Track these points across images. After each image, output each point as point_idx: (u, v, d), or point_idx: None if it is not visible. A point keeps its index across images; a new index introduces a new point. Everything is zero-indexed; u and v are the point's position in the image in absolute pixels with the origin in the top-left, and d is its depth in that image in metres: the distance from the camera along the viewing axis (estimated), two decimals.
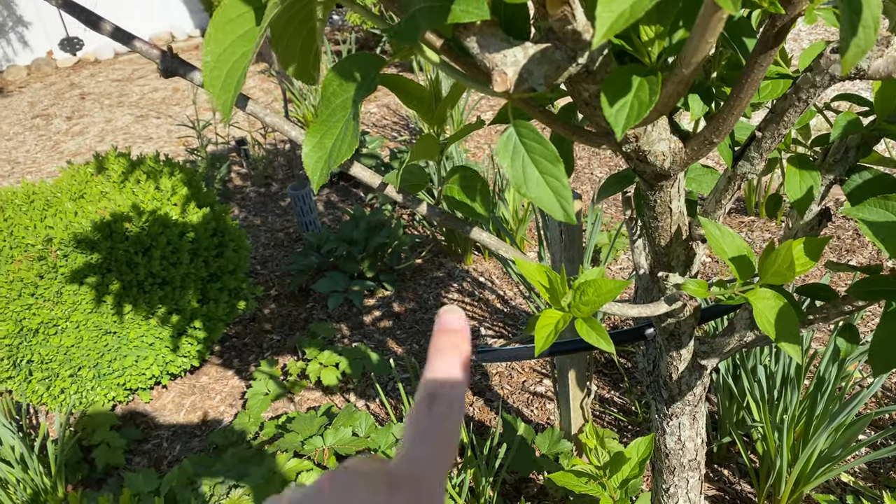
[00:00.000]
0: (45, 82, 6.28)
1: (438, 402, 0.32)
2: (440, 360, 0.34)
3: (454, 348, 0.34)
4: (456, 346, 0.35)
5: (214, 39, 0.50)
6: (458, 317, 0.36)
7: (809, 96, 0.66)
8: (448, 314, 0.36)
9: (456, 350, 0.34)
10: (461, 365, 0.34)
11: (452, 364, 0.34)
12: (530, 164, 0.54)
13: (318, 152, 0.56)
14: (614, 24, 0.38)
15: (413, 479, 0.30)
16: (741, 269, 0.75)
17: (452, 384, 0.33)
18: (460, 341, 0.35)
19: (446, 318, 0.36)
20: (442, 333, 0.35)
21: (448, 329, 0.35)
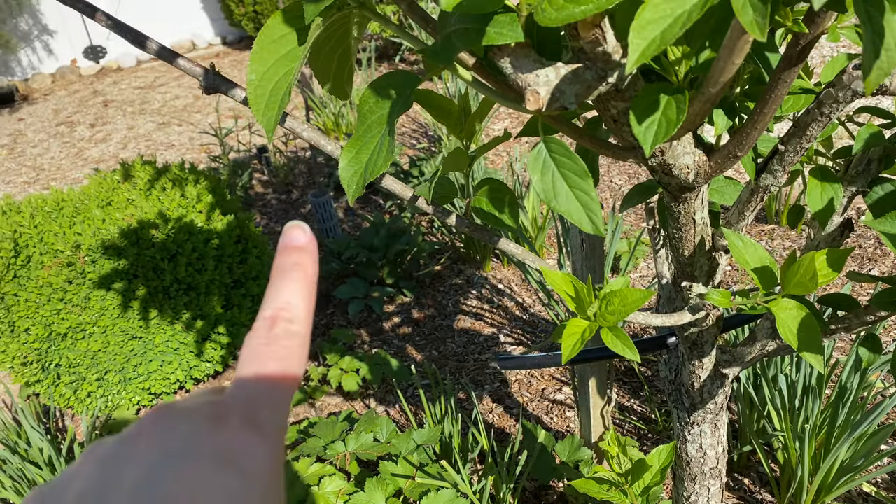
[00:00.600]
0: (69, 90, 6.38)
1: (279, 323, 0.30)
2: (282, 280, 0.32)
3: (297, 267, 0.32)
4: (299, 264, 0.32)
5: (259, 58, 0.52)
6: (302, 232, 0.33)
7: (832, 111, 0.67)
8: (292, 230, 0.33)
9: (299, 269, 0.32)
10: (305, 284, 0.32)
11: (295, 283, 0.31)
12: (560, 178, 0.56)
13: (355, 166, 0.58)
14: (646, 51, 0.40)
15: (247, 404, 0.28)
16: (764, 279, 0.76)
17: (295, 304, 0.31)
18: (305, 259, 0.32)
19: (290, 234, 0.33)
20: (285, 251, 0.33)
21: (292, 247, 0.33)
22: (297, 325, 0.31)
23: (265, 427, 0.28)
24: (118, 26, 0.60)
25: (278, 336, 0.30)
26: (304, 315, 0.31)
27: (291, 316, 0.31)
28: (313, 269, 0.33)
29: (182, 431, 0.26)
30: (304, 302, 0.31)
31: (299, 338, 0.31)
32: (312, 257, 0.33)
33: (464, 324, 2.63)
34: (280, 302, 0.31)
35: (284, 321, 0.30)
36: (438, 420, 1.93)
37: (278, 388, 0.29)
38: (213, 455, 0.26)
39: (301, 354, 0.31)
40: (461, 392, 2.27)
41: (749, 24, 0.39)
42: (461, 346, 2.52)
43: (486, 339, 2.53)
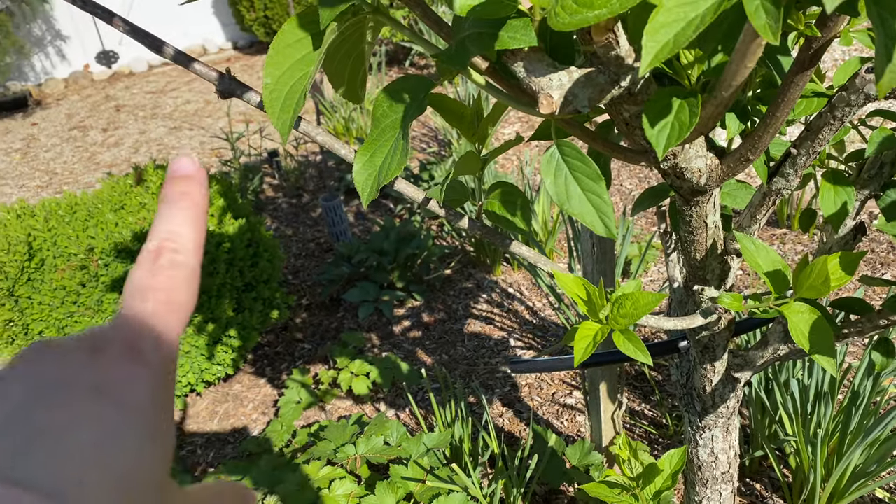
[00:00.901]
0: (81, 94, 6.43)
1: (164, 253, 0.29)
2: (168, 209, 0.30)
3: (184, 196, 0.31)
4: (186, 193, 0.31)
5: (274, 63, 0.53)
6: (190, 161, 0.32)
7: (845, 115, 0.67)
8: (179, 160, 0.32)
9: (187, 198, 0.31)
10: (193, 213, 0.31)
11: (182, 212, 0.30)
12: (573, 181, 0.56)
13: (368, 170, 0.59)
14: (659, 53, 0.40)
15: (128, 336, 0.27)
16: (776, 283, 0.76)
17: (181, 234, 0.30)
18: (192, 187, 0.31)
19: (177, 164, 0.32)
20: (172, 181, 0.31)
21: (179, 176, 0.31)
22: (184, 255, 0.29)
23: (148, 358, 0.27)
24: (135, 31, 0.61)
25: (163, 267, 0.29)
26: (191, 245, 0.30)
27: (177, 246, 0.29)
28: (201, 199, 0.31)
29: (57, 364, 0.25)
30: (191, 231, 0.30)
31: (186, 268, 0.29)
32: (200, 186, 0.31)
33: (474, 328, 2.64)
34: (164, 232, 0.30)
35: (170, 251, 0.29)
36: (449, 424, 1.93)
37: (163, 319, 0.28)
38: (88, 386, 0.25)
39: (189, 285, 0.29)
40: (471, 396, 2.27)
41: (762, 28, 0.40)
42: (471, 350, 2.52)
43: (496, 343, 2.53)
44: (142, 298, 0.28)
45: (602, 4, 0.43)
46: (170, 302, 0.28)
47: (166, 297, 0.28)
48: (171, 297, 0.28)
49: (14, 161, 5.03)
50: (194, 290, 0.29)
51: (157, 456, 0.25)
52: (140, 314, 0.27)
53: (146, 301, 0.28)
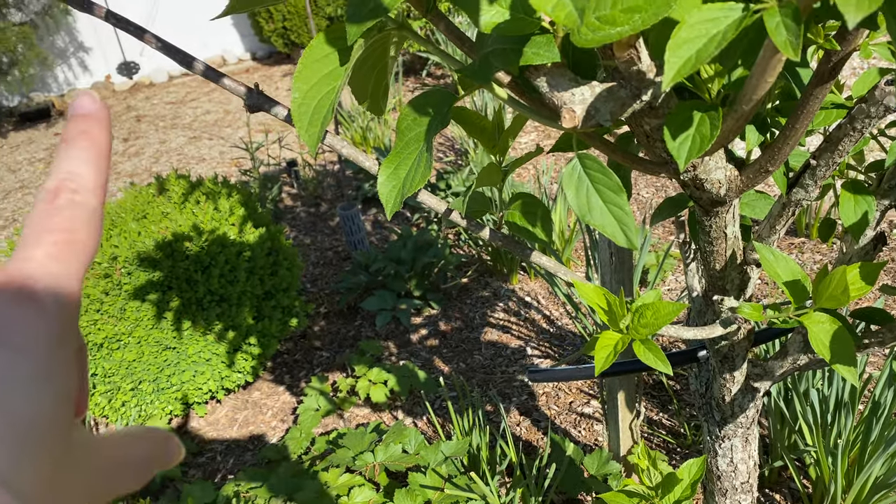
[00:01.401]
0: None
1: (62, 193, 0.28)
2: (68, 149, 0.29)
3: (84, 135, 0.30)
4: (86, 132, 0.30)
5: (302, 77, 0.54)
6: (91, 100, 0.31)
7: (864, 126, 0.67)
8: (80, 98, 0.31)
9: (86, 137, 0.30)
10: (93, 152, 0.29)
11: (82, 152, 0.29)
12: (594, 193, 0.57)
13: (393, 181, 0.60)
14: (682, 69, 0.41)
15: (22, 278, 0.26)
16: (795, 293, 0.77)
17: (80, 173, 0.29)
18: (92, 126, 0.30)
19: (77, 102, 0.30)
20: (72, 119, 0.30)
21: (79, 115, 0.30)
22: (83, 195, 0.28)
23: (42, 300, 0.25)
24: (166, 48, 0.63)
25: (61, 207, 0.27)
26: (92, 185, 0.29)
27: (76, 186, 0.28)
28: (102, 138, 0.30)
29: None
30: (92, 171, 0.29)
31: (86, 208, 0.28)
32: (101, 125, 0.30)
33: (491, 336, 2.64)
34: (63, 172, 0.28)
35: (68, 191, 0.28)
36: (466, 432, 1.94)
37: (60, 261, 0.26)
38: None
39: (90, 226, 0.28)
40: (488, 404, 2.27)
41: (783, 45, 0.40)
42: (488, 359, 2.52)
43: (513, 352, 2.53)
44: (37, 240, 0.27)
45: (624, 22, 0.44)
46: (69, 242, 0.27)
47: (65, 238, 0.27)
48: (70, 238, 0.27)
49: (38, 170, 5.11)
50: (96, 230, 0.28)
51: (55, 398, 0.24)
52: (36, 256, 0.26)
53: (42, 243, 0.27)
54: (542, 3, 0.40)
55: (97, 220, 0.28)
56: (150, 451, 0.30)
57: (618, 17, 0.44)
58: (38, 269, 0.26)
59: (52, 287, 0.26)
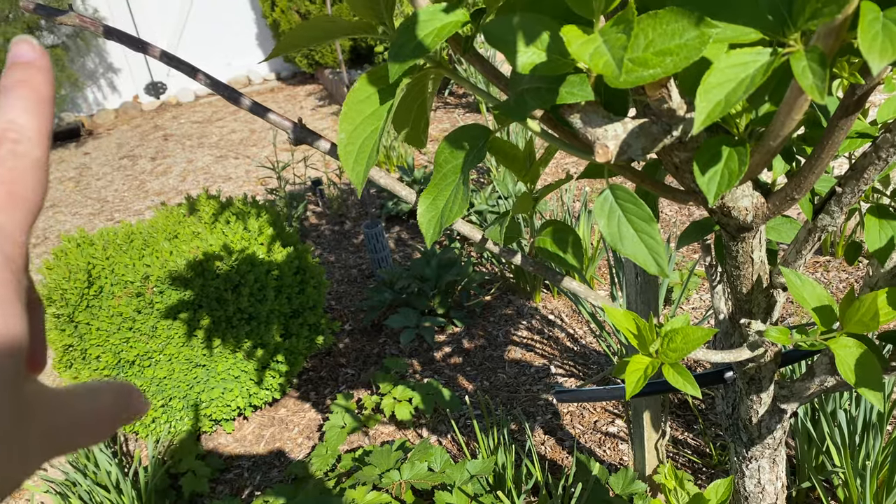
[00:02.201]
0: (131, 124, 6.65)
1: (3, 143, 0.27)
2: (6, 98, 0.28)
3: (23, 83, 0.28)
4: (25, 81, 0.28)
5: (347, 118, 0.57)
6: (30, 46, 0.29)
7: (890, 156, 0.69)
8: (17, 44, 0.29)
9: (25, 85, 0.28)
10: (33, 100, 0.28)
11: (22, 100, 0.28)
12: (626, 223, 0.59)
13: (432, 212, 0.62)
14: (712, 113, 0.43)
15: None
16: (823, 317, 0.78)
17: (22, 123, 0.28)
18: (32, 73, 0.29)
19: (15, 49, 0.29)
20: (11, 67, 0.29)
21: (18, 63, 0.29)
22: (25, 146, 0.27)
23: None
24: (215, 84, 0.66)
25: (2, 158, 0.26)
26: (33, 134, 0.28)
27: (17, 136, 0.27)
28: (43, 86, 0.29)
29: None
30: (33, 120, 0.28)
31: (29, 159, 0.27)
32: (42, 72, 0.29)
33: (514, 354, 2.65)
34: (3, 122, 0.27)
35: (9, 142, 0.27)
36: (491, 451, 1.95)
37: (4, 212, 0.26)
38: None
39: (34, 177, 0.27)
40: (513, 423, 2.28)
41: (809, 88, 0.43)
42: (512, 377, 2.53)
43: (537, 371, 2.54)
44: None
45: (656, 64, 0.46)
46: (11, 194, 0.26)
47: (7, 190, 0.26)
48: (12, 189, 0.26)
49: (68, 189, 5.22)
50: (41, 182, 0.27)
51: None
52: None
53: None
54: (580, 53, 0.42)
55: (41, 171, 0.28)
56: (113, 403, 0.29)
57: (650, 60, 0.47)
58: None
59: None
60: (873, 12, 0.41)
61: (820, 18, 0.41)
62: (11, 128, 0.27)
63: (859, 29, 0.39)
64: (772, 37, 0.45)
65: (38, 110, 0.28)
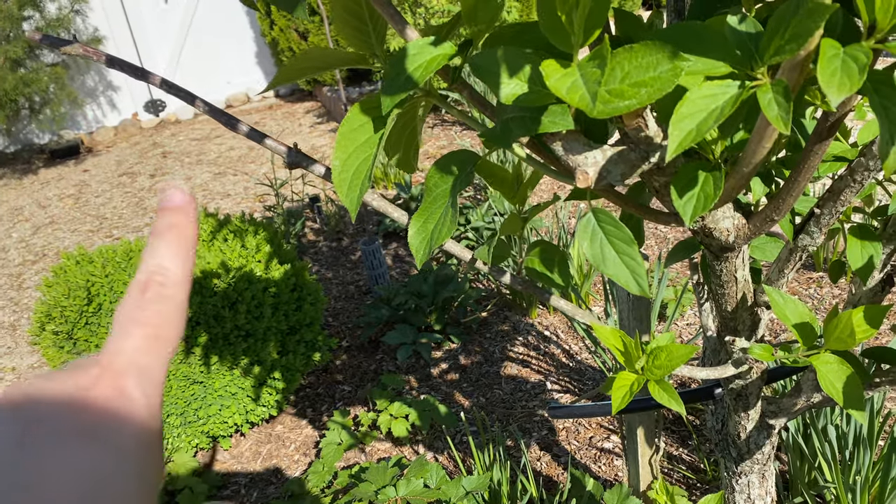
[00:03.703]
0: (130, 142, 6.69)
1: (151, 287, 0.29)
2: (157, 241, 0.30)
3: (173, 229, 0.31)
4: (175, 226, 0.31)
5: (341, 147, 0.60)
6: (180, 193, 0.32)
7: (864, 178, 0.71)
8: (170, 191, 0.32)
9: (175, 230, 0.31)
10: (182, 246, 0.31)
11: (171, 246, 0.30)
12: (608, 245, 0.62)
13: (422, 234, 0.65)
14: (683, 141, 0.46)
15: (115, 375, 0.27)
16: (804, 334, 0.80)
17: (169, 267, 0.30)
18: (181, 220, 0.31)
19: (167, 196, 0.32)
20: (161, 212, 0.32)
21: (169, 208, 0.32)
22: (171, 289, 0.29)
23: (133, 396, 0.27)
24: (213, 111, 0.69)
25: (150, 300, 0.29)
26: (178, 278, 0.30)
27: (164, 280, 0.29)
28: (190, 231, 0.31)
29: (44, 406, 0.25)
30: (179, 264, 0.30)
31: (173, 302, 0.29)
32: (189, 218, 0.32)
33: (511, 371, 2.67)
34: (153, 265, 0.30)
35: (157, 285, 0.29)
36: (487, 467, 1.96)
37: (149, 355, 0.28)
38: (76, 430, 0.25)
39: (175, 319, 0.29)
40: (509, 439, 2.29)
41: (774, 119, 0.45)
42: (508, 393, 2.55)
43: (533, 387, 2.56)
44: (127, 333, 0.28)
45: (632, 96, 0.49)
46: (156, 337, 0.28)
47: (153, 333, 0.28)
48: (157, 333, 0.28)
49: (67, 206, 5.24)
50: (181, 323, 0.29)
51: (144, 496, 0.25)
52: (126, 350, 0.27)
53: (132, 336, 0.28)
54: (558, 86, 0.45)
55: (182, 313, 0.30)
56: None
57: (626, 91, 0.49)
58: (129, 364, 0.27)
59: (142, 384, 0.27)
60: (833, 49, 0.44)
61: (783, 55, 0.44)
62: (160, 271, 0.30)
63: (818, 65, 0.42)
64: (740, 70, 0.48)
65: (184, 255, 0.31)
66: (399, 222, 0.74)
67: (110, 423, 0.25)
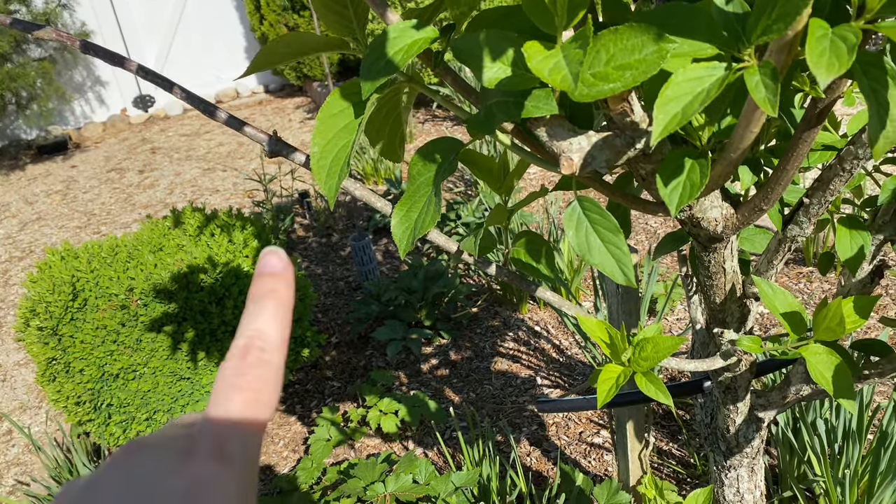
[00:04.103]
0: (118, 138, 6.64)
1: (251, 352, 0.30)
2: (256, 307, 0.32)
3: (272, 294, 0.32)
4: (274, 291, 0.32)
5: (320, 133, 0.58)
6: (278, 258, 0.33)
7: (853, 167, 0.71)
8: (267, 256, 0.33)
9: (274, 295, 0.32)
10: (280, 311, 0.32)
11: (270, 311, 0.31)
12: (593, 233, 0.61)
13: (405, 223, 0.63)
14: (668, 125, 0.45)
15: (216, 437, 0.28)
16: (794, 325, 0.79)
17: (268, 332, 0.31)
18: (280, 285, 0.32)
19: (265, 260, 0.33)
20: (260, 278, 0.32)
21: (267, 273, 0.32)
22: (270, 354, 0.31)
23: (234, 459, 0.28)
24: (191, 98, 0.67)
25: (251, 365, 0.30)
26: (277, 343, 0.31)
27: (264, 345, 0.30)
28: (288, 296, 0.32)
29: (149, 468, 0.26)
30: (277, 330, 0.31)
31: (272, 367, 0.30)
32: (287, 283, 0.33)
33: (501, 366, 2.66)
34: (252, 330, 0.31)
35: (257, 350, 0.30)
36: (477, 462, 1.95)
37: (249, 420, 0.29)
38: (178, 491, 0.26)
39: (274, 383, 0.30)
40: (499, 434, 2.29)
41: (762, 101, 0.44)
42: (498, 389, 2.54)
43: (523, 382, 2.55)
44: (228, 398, 0.29)
45: (616, 78, 0.48)
46: (256, 402, 0.29)
47: (253, 398, 0.29)
48: (257, 398, 0.29)
49: (54, 202, 5.20)
50: (279, 387, 0.30)
51: None
52: (228, 414, 0.29)
53: (233, 401, 0.29)
54: (540, 68, 0.44)
55: (280, 377, 0.31)
56: None
57: (611, 74, 0.48)
58: (232, 430, 0.29)
59: (243, 448, 0.28)
60: (822, 29, 0.43)
61: (771, 35, 0.43)
62: (260, 336, 0.31)
63: (807, 45, 0.41)
64: (727, 52, 0.47)
65: (282, 320, 0.32)
66: (383, 212, 0.72)
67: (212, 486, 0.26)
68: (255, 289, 0.32)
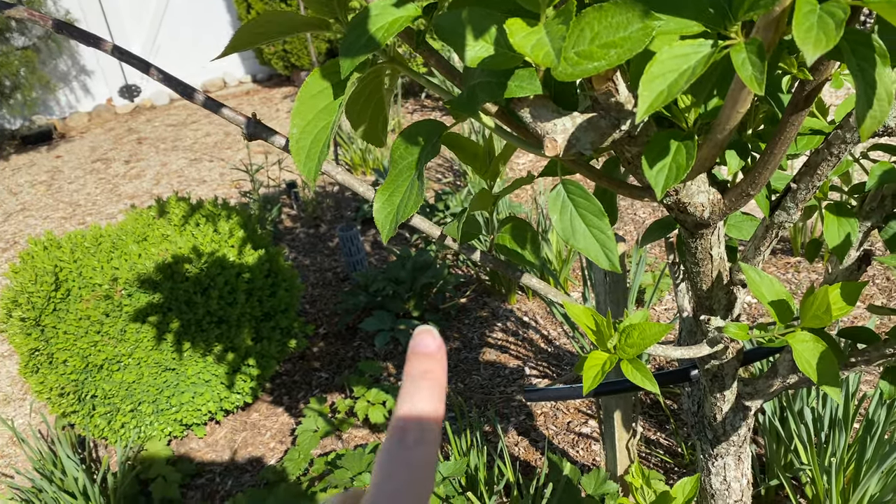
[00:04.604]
0: (104, 128, 6.58)
1: (410, 432, 0.32)
2: (413, 387, 0.33)
3: (427, 374, 0.33)
4: (429, 371, 0.33)
5: (299, 113, 0.57)
6: (432, 338, 0.34)
7: (841, 151, 0.70)
8: (421, 335, 0.34)
9: (429, 376, 0.33)
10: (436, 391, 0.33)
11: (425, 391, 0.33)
12: (577, 217, 0.60)
13: (388, 208, 0.62)
14: (654, 103, 0.43)
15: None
16: (780, 312, 0.79)
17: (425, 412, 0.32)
18: (434, 366, 0.33)
19: (419, 339, 0.34)
20: (415, 357, 0.34)
21: (421, 353, 0.34)
22: (428, 433, 0.32)
23: None
24: (168, 79, 0.66)
25: (409, 446, 0.31)
26: (434, 423, 0.32)
27: (422, 425, 0.32)
28: (442, 376, 0.34)
29: None
30: (433, 409, 0.33)
31: (429, 446, 0.32)
32: (441, 364, 0.34)
33: (489, 356, 2.65)
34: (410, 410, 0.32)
35: (415, 430, 0.32)
36: (464, 452, 1.95)
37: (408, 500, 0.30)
38: None
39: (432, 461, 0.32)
40: (487, 424, 2.28)
41: (748, 80, 0.43)
42: (487, 379, 2.53)
43: (511, 372, 2.55)
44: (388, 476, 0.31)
45: (601, 57, 0.47)
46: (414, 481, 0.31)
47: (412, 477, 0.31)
48: (415, 477, 0.31)
49: (39, 193, 5.15)
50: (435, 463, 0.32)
51: None
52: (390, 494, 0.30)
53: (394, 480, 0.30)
54: (522, 45, 0.42)
55: (437, 455, 0.32)
56: None
57: (595, 53, 0.47)
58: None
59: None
60: (809, 5, 0.41)
61: (758, 10, 0.42)
62: (417, 416, 0.32)
63: (794, 20, 0.40)
64: (713, 29, 0.46)
65: (438, 401, 0.33)
66: (365, 197, 0.71)
67: None
68: (411, 367, 0.34)
